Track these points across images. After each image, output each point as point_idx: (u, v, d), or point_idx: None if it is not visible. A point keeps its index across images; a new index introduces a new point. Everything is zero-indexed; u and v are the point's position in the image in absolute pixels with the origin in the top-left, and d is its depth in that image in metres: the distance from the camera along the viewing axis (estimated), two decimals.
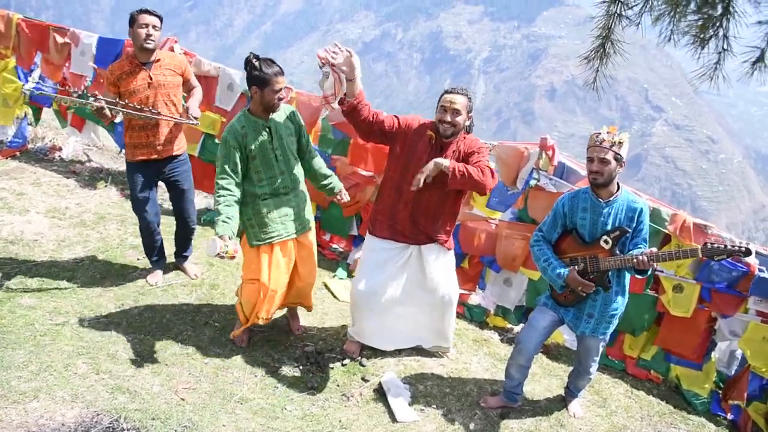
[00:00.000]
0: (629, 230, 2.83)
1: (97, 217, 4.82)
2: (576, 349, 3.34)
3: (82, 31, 5.45)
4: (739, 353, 3.80)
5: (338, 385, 3.31)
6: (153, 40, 3.56)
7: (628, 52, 2.40)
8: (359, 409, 3.14)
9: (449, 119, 3.05)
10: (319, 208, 4.82)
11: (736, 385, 3.71)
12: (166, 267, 4.19)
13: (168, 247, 4.25)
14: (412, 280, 3.37)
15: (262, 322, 3.41)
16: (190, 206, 4.02)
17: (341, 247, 5.03)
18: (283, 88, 3.03)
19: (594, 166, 2.79)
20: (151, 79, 3.62)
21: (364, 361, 3.51)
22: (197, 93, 3.91)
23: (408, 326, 3.55)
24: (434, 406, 3.24)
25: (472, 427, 3.13)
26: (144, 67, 3.61)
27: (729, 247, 2.72)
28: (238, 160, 3.06)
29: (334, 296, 4.35)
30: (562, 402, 3.43)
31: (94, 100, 3.42)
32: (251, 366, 3.35)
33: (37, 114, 6.08)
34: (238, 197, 3.09)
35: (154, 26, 3.56)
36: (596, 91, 2.47)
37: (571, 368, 3.44)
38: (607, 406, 3.54)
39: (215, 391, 3.08)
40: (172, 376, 3.13)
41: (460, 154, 3.14)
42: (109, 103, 3.49)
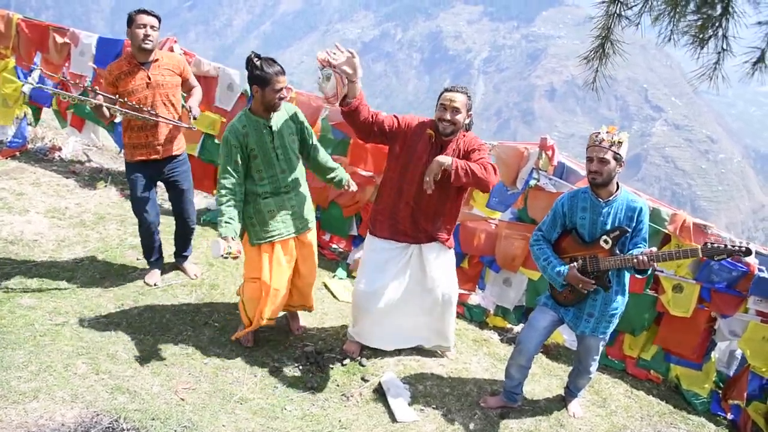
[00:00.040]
0: (629, 230, 2.84)
1: (97, 217, 4.82)
2: (576, 349, 3.34)
3: (82, 31, 5.46)
4: (738, 353, 3.81)
5: (338, 385, 3.31)
6: (151, 41, 3.56)
7: (628, 52, 2.41)
8: (359, 409, 3.14)
9: (449, 117, 3.05)
10: (319, 208, 4.82)
11: (736, 384, 3.71)
12: (166, 267, 4.19)
13: (167, 247, 4.25)
14: (412, 280, 3.37)
15: (267, 323, 3.40)
16: (190, 206, 4.02)
17: (341, 247, 5.03)
18: (284, 87, 3.03)
19: (593, 166, 2.79)
20: (150, 79, 3.62)
21: (364, 361, 3.51)
22: (197, 93, 3.91)
23: (408, 326, 3.55)
24: (434, 406, 3.24)
25: (471, 427, 3.13)
26: (142, 67, 3.61)
27: (729, 246, 2.72)
28: (240, 159, 3.06)
29: (334, 296, 4.35)
30: (561, 402, 3.43)
31: (95, 95, 3.42)
32: (251, 366, 3.35)
33: (36, 114, 6.08)
34: (241, 196, 3.10)
35: (152, 26, 3.56)
36: (596, 92, 2.47)
37: (570, 368, 3.44)
38: (607, 406, 3.54)
39: (215, 391, 3.08)
40: (172, 376, 3.13)
41: (460, 152, 3.14)
42: (107, 99, 3.49)
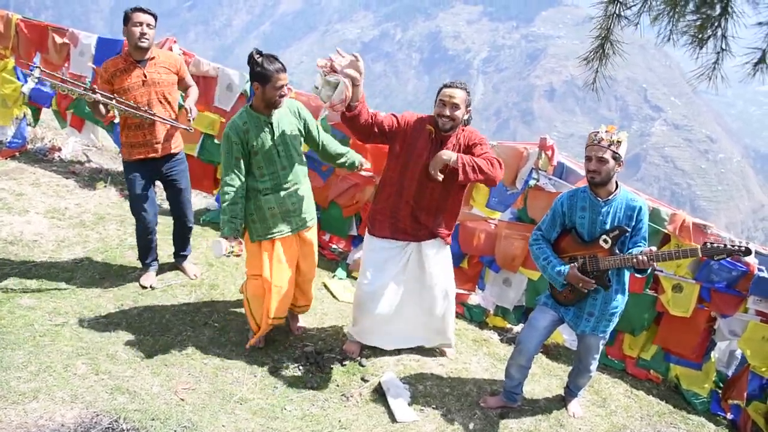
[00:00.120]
0: (628, 229, 2.84)
1: (97, 217, 4.82)
2: (576, 348, 3.34)
3: (81, 31, 5.45)
4: (738, 353, 3.81)
5: (338, 386, 3.31)
6: (147, 39, 3.55)
7: (627, 52, 2.41)
8: (359, 410, 3.14)
9: (448, 113, 3.05)
10: (319, 208, 4.81)
11: (736, 384, 3.71)
12: (166, 267, 4.19)
13: (167, 247, 4.25)
14: (412, 278, 3.38)
15: (274, 323, 3.39)
16: (188, 206, 4.02)
17: (341, 248, 5.03)
18: (285, 85, 3.02)
19: (592, 165, 2.79)
20: (146, 77, 3.61)
21: (364, 362, 3.51)
22: (193, 92, 3.90)
23: (409, 326, 3.55)
24: (434, 406, 3.24)
25: (471, 427, 3.13)
26: (138, 65, 3.60)
27: (728, 246, 2.72)
28: (240, 156, 3.07)
29: (334, 296, 4.35)
30: (561, 402, 3.43)
31: (93, 92, 3.41)
32: (251, 366, 3.35)
33: (36, 114, 6.07)
34: (243, 193, 3.10)
35: (149, 24, 3.55)
36: (596, 92, 2.47)
37: (570, 368, 3.44)
38: (607, 406, 3.54)
39: (215, 392, 3.08)
40: (172, 377, 3.13)
41: (461, 147, 3.15)
42: (105, 97, 3.49)
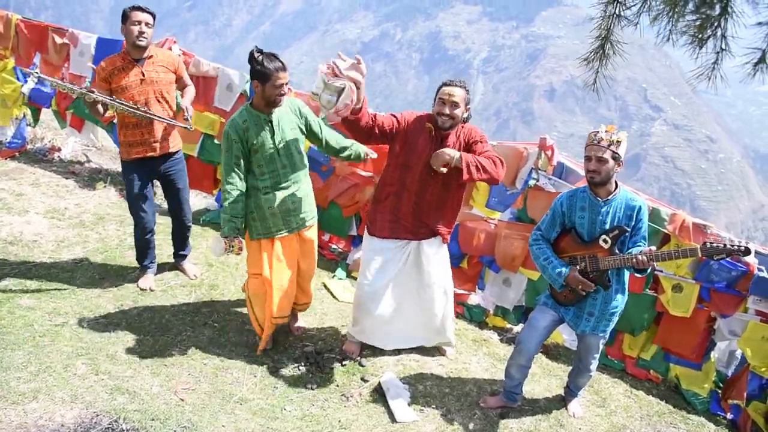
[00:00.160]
0: (628, 229, 2.83)
1: (96, 217, 4.82)
2: (576, 348, 3.34)
3: (81, 31, 5.45)
4: (738, 353, 3.81)
5: (338, 386, 3.31)
6: (145, 38, 3.55)
7: (627, 52, 2.41)
8: (359, 410, 3.14)
9: (448, 112, 3.06)
10: (319, 209, 4.80)
11: (736, 384, 3.71)
12: (166, 267, 4.19)
13: (167, 247, 4.25)
14: (411, 277, 3.38)
15: (277, 322, 3.39)
16: (186, 205, 4.03)
17: (340, 248, 5.03)
18: (285, 83, 3.01)
19: (591, 165, 2.79)
20: (144, 76, 3.61)
21: (364, 362, 3.51)
22: (190, 92, 3.90)
23: (409, 326, 3.55)
24: (434, 407, 3.24)
25: (471, 427, 3.13)
26: (136, 64, 3.60)
27: (728, 246, 2.72)
28: (240, 154, 3.07)
29: (334, 296, 4.35)
30: (561, 402, 3.43)
31: (91, 93, 3.40)
32: (251, 366, 3.35)
33: (35, 115, 6.07)
34: (243, 191, 3.11)
35: (147, 23, 3.55)
36: (596, 92, 2.47)
37: (570, 368, 3.44)
38: (607, 406, 3.54)
39: (214, 392, 3.08)
40: (172, 377, 3.13)
41: (461, 144, 3.16)
42: (104, 97, 3.47)
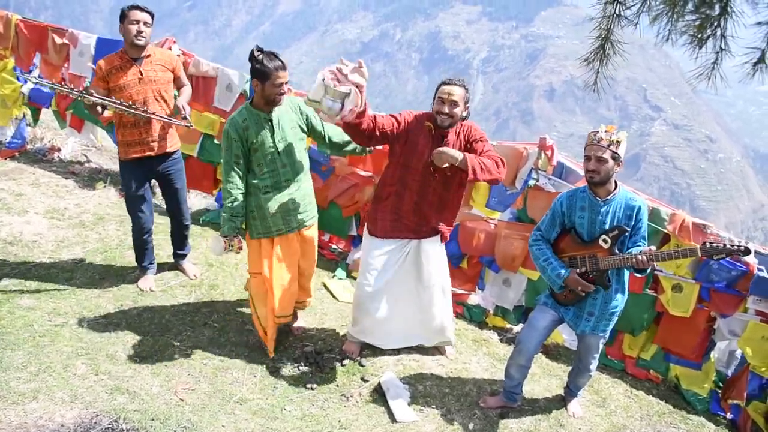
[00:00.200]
0: (628, 229, 2.83)
1: (96, 217, 4.81)
2: (576, 348, 3.34)
3: (81, 31, 5.45)
4: (738, 353, 3.81)
5: (337, 386, 3.31)
6: (144, 37, 3.55)
7: (627, 52, 2.41)
8: (358, 410, 3.14)
9: (447, 111, 3.06)
10: (318, 208, 4.78)
11: (736, 384, 3.71)
12: (165, 267, 4.19)
13: (167, 247, 4.25)
14: (411, 275, 3.39)
15: (280, 321, 3.40)
16: (183, 205, 4.03)
17: (340, 248, 5.03)
18: (285, 82, 3.01)
19: (591, 165, 2.79)
20: (142, 75, 3.60)
21: (364, 362, 3.51)
22: (186, 92, 3.89)
23: (408, 325, 3.56)
24: (433, 406, 3.24)
25: (471, 427, 3.13)
26: (135, 63, 3.60)
27: (728, 246, 2.72)
28: (240, 153, 3.07)
29: (334, 297, 4.35)
30: (561, 402, 3.43)
31: (90, 95, 3.40)
32: (250, 366, 3.35)
33: (35, 115, 6.07)
34: (243, 190, 3.11)
35: (146, 23, 3.54)
36: (597, 93, 2.47)
37: (570, 368, 3.44)
38: (607, 406, 3.54)
39: (214, 392, 3.08)
40: (172, 377, 3.13)
41: (462, 142, 3.17)
42: (102, 99, 3.47)
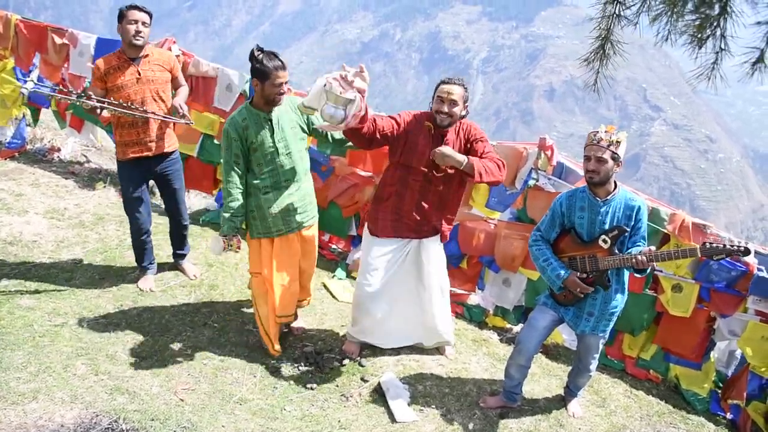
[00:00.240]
0: (627, 229, 2.83)
1: (96, 217, 4.81)
2: (576, 348, 3.34)
3: (81, 31, 5.45)
4: (738, 353, 3.81)
5: (337, 386, 3.31)
6: (142, 37, 3.54)
7: (627, 52, 2.41)
8: (358, 410, 3.14)
9: (446, 110, 3.06)
10: (318, 209, 4.78)
11: (736, 384, 3.71)
12: (165, 267, 4.19)
13: (167, 247, 4.25)
14: (411, 275, 3.39)
15: (282, 320, 3.41)
16: (182, 205, 4.03)
17: (340, 248, 5.03)
18: (284, 82, 3.01)
19: (591, 165, 2.79)
20: (140, 75, 3.60)
21: (364, 362, 3.51)
22: (183, 91, 3.90)
23: (408, 325, 3.56)
24: (433, 407, 3.24)
25: (471, 427, 3.13)
26: (133, 63, 3.59)
27: (728, 246, 2.72)
28: (240, 153, 3.07)
29: (333, 297, 4.35)
30: (561, 402, 3.43)
31: (87, 98, 3.39)
32: (250, 366, 3.35)
33: (35, 115, 6.07)
34: (243, 189, 3.12)
35: (144, 23, 3.54)
36: (597, 93, 2.47)
37: (570, 368, 3.44)
38: (607, 406, 3.54)
39: (214, 392, 3.08)
40: (171, 377, 3.13)
41: (462, 142, 3.17)
42: (99, 101, 3.46)
